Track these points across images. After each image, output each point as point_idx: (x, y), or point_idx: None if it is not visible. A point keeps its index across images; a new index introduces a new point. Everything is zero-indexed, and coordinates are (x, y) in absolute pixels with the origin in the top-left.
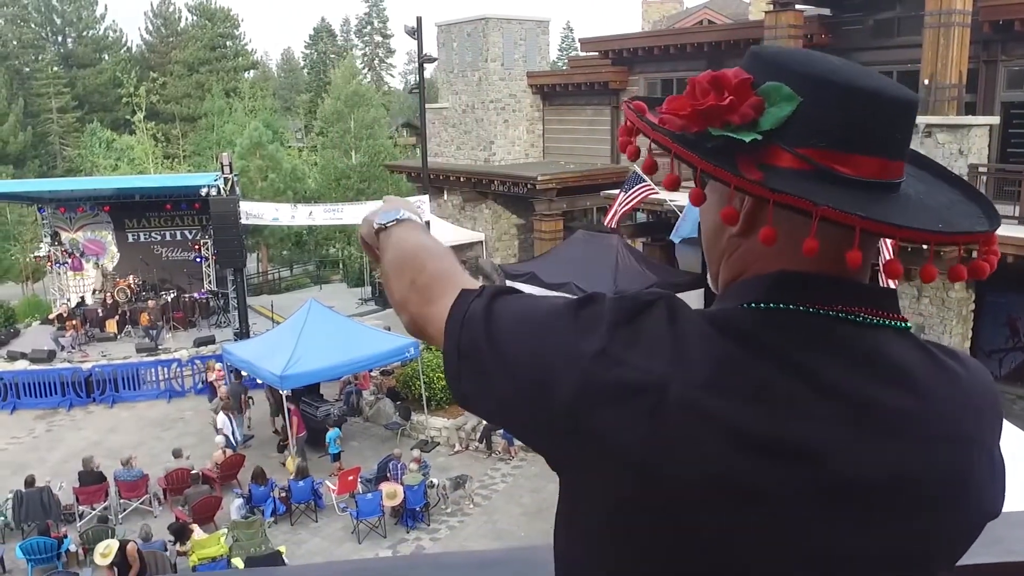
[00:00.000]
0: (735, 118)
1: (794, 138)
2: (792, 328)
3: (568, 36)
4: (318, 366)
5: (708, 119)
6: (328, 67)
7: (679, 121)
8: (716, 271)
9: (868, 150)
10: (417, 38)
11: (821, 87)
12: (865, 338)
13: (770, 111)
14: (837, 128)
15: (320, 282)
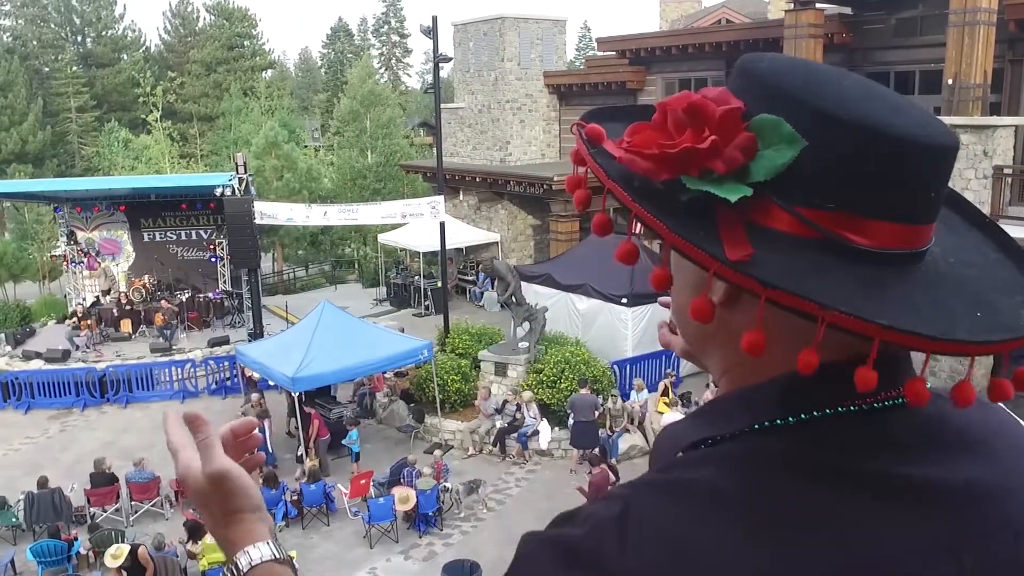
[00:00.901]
0: (718, 165)
1: (795, 193)
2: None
3: (585, 35)
4: (331, 368)
5: (682, 165)
6: (345, 67)
7: (643, 163)
8: (698, 350)
9: (892, 214)
10: (433, 38)
11: (834, 127)
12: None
13: (765, 155)
14: (854, 183)
15: (335, 282)
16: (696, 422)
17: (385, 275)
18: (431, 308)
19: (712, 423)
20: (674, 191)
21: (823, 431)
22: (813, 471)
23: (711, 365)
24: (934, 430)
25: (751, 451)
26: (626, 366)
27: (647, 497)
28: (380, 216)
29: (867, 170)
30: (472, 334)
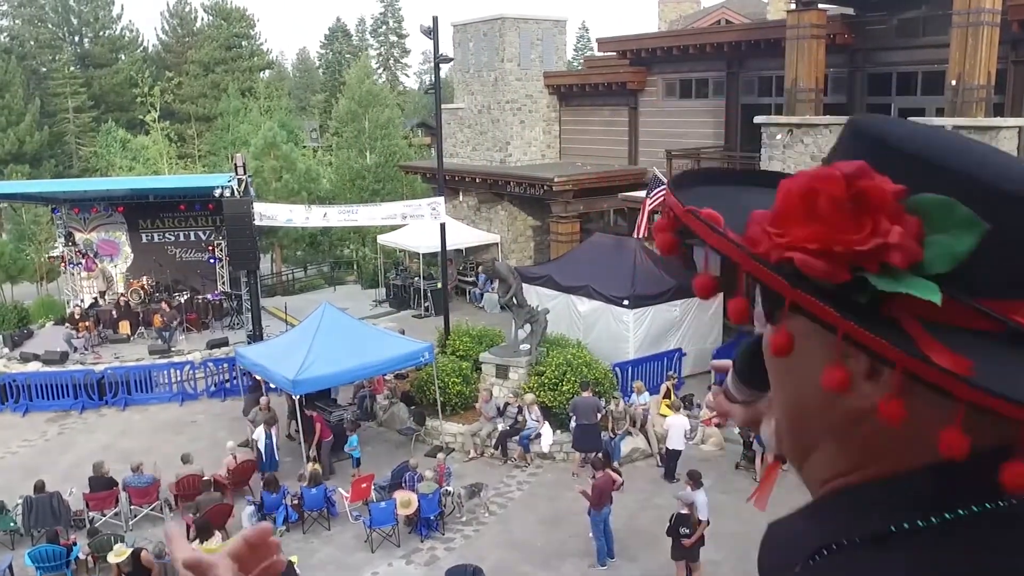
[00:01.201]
0: (897, 259)
1: (967, 283)
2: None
3: (584, 36)
4: (331, 370)
5: (864, 261)
6: (343, 67)
7: (820, 265)
8: (807, 449)
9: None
10: (433, 38)
11: (1007, 204)
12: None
13: (939, 243)
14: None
15: (334, 283)
16: (817, 521)
17: (384, 276)
18: (431, 309)
19: (840, 524)
20: (851, 291)
21: (979, 533)
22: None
23: (817, 465)
24: None
25: (904, 564)
26: (628, 368)
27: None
28: (380, 217)
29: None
30: (473, 336)
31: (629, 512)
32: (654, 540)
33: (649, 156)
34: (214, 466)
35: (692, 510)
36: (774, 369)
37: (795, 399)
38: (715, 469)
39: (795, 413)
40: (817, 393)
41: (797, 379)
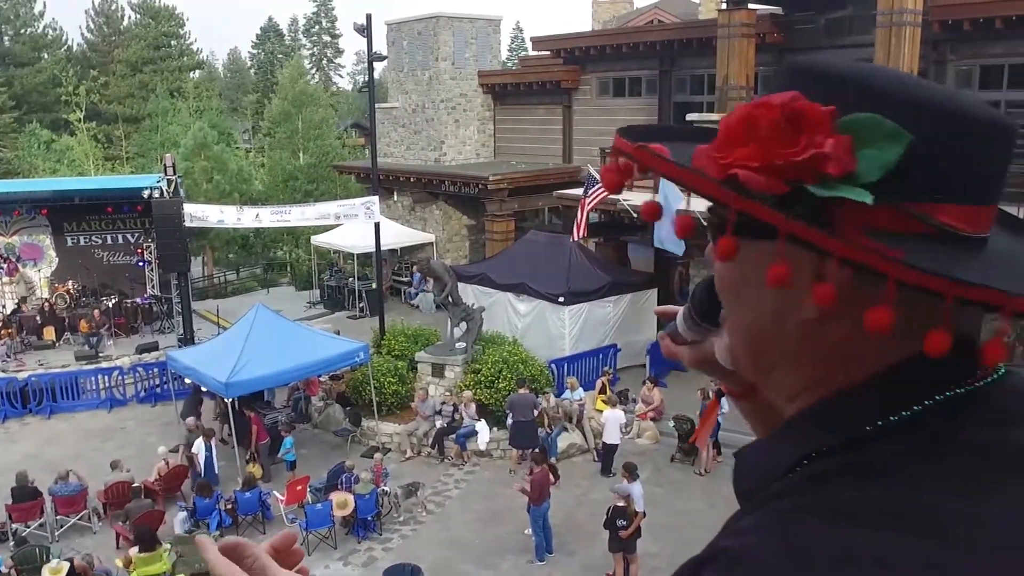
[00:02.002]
0: (832, 168)
1: (898, 189)
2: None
3: (518, 36)
4: (265, 372)
5: (801, 173)
6: (275, 67)
7: (760, 179)
8: (766, 367)
9: (975, 197)
10: (366, 36)
11: (927, 117)
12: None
13: (868, 155)
14: (944, 171)
15: (268, 285)
16: (791, 437)
17: (319, 277)
18: (366, 310)
19: (812, 436)
20: (795, 202)
21: (948, 417)
22: (959, 460)
23: (781, 383)
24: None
25: (884, 455)
26: (563, 364)
27: (797, 525)
28: (313, 217)
29: (956, 155)
30: (408, 335)
31: (566, 507)
32: (592, 534)
33: (583, 154)
34: (145, 472)
35: (628, 502)
36: (727, 293)
37: (748, 320)
38: (651, 462)
39: (750, 334)
40: (768, 312)
41: (749, 300)
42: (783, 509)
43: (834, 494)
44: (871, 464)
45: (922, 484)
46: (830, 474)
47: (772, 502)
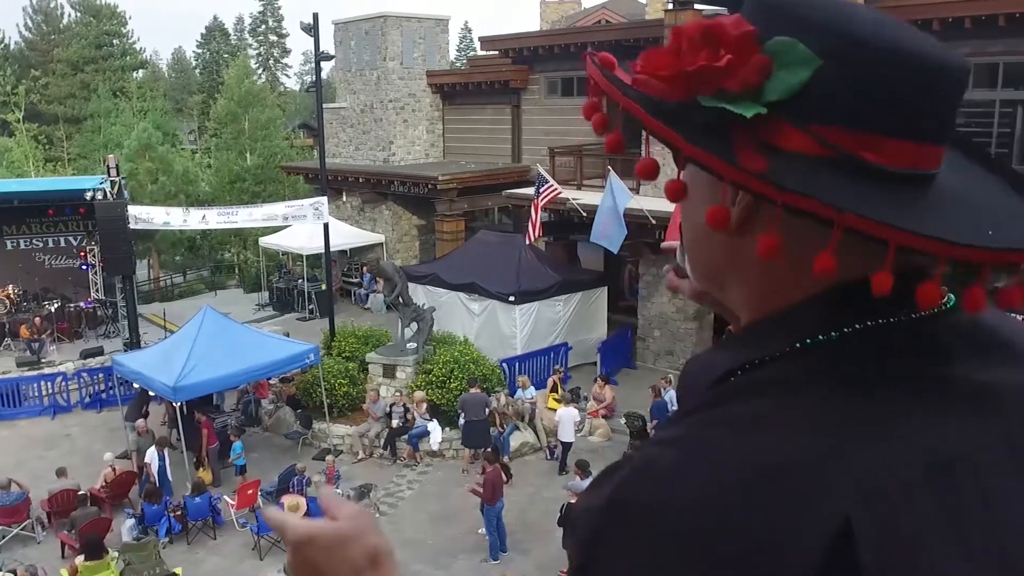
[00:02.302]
0: (733, 84)
1: (809, 113)
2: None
3: (466, 36)
4: (214, 375)
5: (697, 84)
6: (221, 67)
7: (658, 84)
8: (716, 291)
9: (905, 132)
10: (314, 35)
11: (848, 47)
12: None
13: (779, 76)
14: (868, 102)
15: (215, 288)
16: (728, 350)
17: (267, 279)
18: (316, 311)
19: (747, 348)
20: (689, 111)
21: (873, 341)
22: (874, 379)
23: (729, 300)
24: (976, 336)
25: (804, 370)
26: (515, 363)
27: (706, 434)
28: (261, 218)
29: (884, 88)
30: (359, 336)
31: (520, 506)
32: (546, 532)
33: (532, 154)
34: (91, 480)
35: None
36: (680, 209)
37: (691, 240)
38: (603, 459)
39: (694, 253)
40: (699, 228)
41: (691, 221)
42: (696, 422)
43: (737, 405)
44: (787, 379)
45: (833, 400)
46: (748, 386)
47: (691, 414)
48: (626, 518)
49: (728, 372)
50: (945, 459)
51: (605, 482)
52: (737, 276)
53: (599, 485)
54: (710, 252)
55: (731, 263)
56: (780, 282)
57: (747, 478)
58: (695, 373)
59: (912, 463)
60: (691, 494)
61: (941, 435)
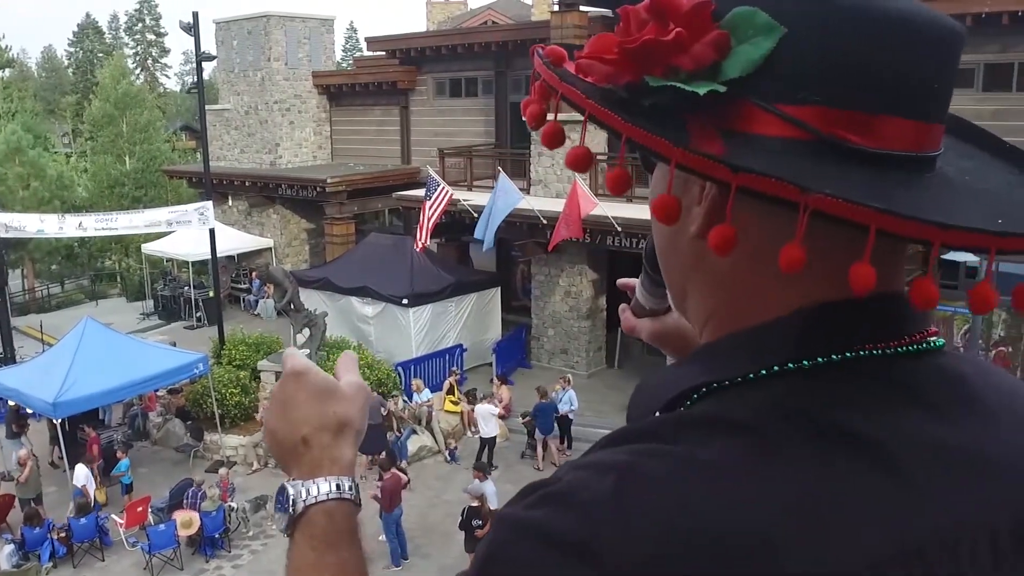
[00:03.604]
0: (685, 61)
1: (778, 91)
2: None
3: (352, 36)
4: (97, 389)
5: (644, 63)
6: (95, 67)
7: (603, 68)
8: (680, 295)
9: (895, 108)
10: (194, 35)
11: (821, 10)
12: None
13: (739, 51)
14: (846, 74)
15: (96, 297)
16: (687, 367)
17: (152, 287)
18: (204, 319)
19: (708, 368)
20: (638, 94)
21: (845, 379)
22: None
23: (693, 313)
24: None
25: (769, 409)
26: (411, 367)
27: (645, 467)
28: (143, 224)
29: (863, 55)
30: (249, 344)
31: (419, 510)
32: (447, 535)
33: (422, 155)
34: None
35: (483, 502)
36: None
37: (660, 241)
38: (502, 459)
39: (662, 258)
40: (664, 232)
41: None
42: (645, 451)
43: (684, 437)
44: (751, 424)
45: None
46: (701, 417)
47: (638, 438)
48: (528, 542)
49: (682, 394)
50: (917, 544)
51: (527, 496)
52: (697, 290)
53: (522, 497)
54: (676, 255)
55: (694, 274)
56: (741, 293)
57: (702, 541)
58: (648, 391)
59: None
60: (616, 537)
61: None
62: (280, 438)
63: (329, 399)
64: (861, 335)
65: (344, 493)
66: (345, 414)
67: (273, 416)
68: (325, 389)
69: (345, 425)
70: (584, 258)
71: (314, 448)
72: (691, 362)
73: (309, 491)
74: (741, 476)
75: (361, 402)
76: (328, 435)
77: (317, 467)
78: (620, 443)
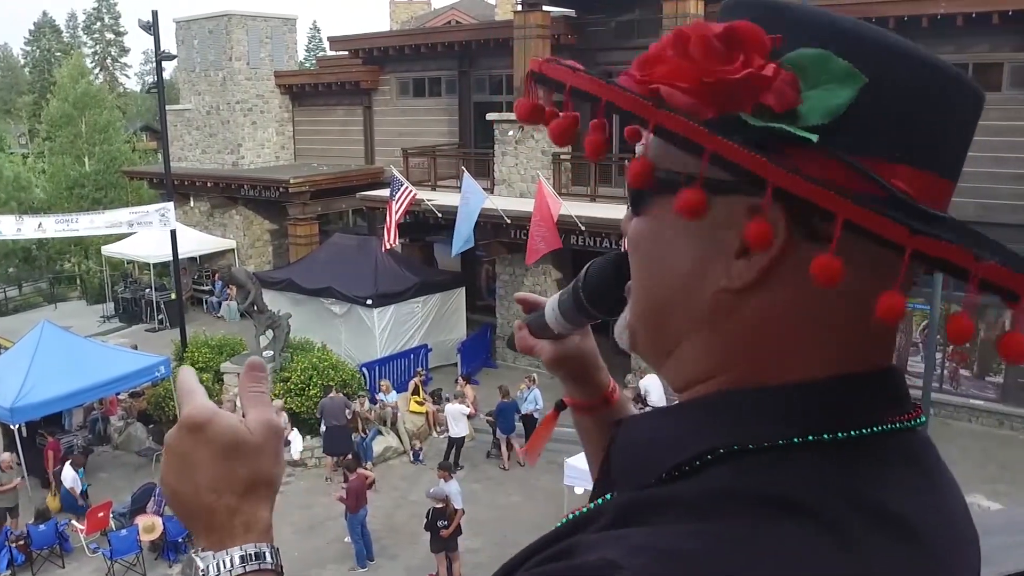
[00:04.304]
0: (772, 101)
1: (846, 141)
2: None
3: (315, 36)
4: (56, 394)
5: (733, 99)
6: (53, 66)
7: (684, 98)
8: (669, 344)
9: (943, 168)
10: (153, 34)
11: (888, 62)
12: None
13: (814, 96)
14: (915, 129)
15: (55, 300)
16: (693, 421)
17: (112, 290)
18: (165, 322)
19: (727, 428)
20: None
21: (877, 454)
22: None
23: (683, 365)
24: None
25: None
26: (375, 367)
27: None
28: (104, 226)
29: (930, 114)
30: (212, 346)
31: (385, 510)
32: (413, 535)
33: (385, 155)
34: None
35: (447, 502)
36: (640, 254)
37: (659, 284)
38: (467, 459)
39: (657, 302)
40: (684, 274)
41: (663, 260)
42: (695, 532)
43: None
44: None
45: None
46: (723, 494)
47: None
48: None
49: (698, 455)
50: None
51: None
52: (707, 335)
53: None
54: (690, 304)
55: (711, 323)
56: (763, 349)
57: None
58: (642, 444)
59: None
60: None
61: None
62: (182, 500)
63: (236, 455)
64: (886, 409)
65: (264, 563)
66: (256, 471)
67: (171, 474)
68: (231, 444)
69: (257, 483)
70: (548, 258)
71: (223, 514)
72: (697, 415)
73: (223, 564)
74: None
75: (273, 448)
76: (238, 498)
77: (229, 536)
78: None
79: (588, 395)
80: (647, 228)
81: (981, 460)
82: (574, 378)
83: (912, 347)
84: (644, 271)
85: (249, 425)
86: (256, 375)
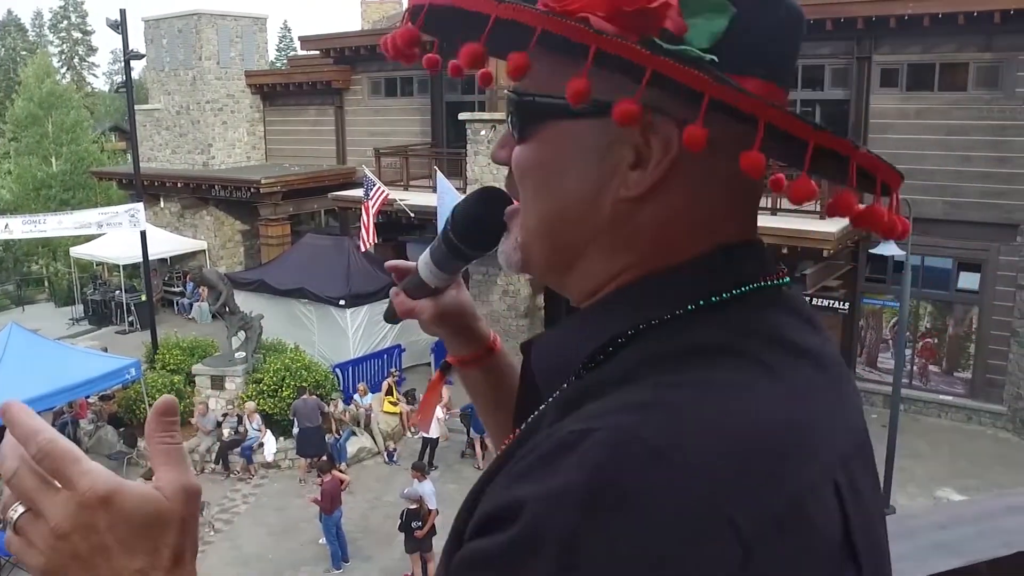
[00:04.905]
0: (672, 26)
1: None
2: (773, 313)
3: (286, 36)
4: (24, 397)
5: (641, 24)
6: (18, 65)
7: (604, 24)
8: (571, 257)
9: (775, 75)
10: (122, 33)
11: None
12: (796, 302)
13: (696, 24)
14: (771, 52)
15: (23, 303)
16: (602, 316)
17: (81, 292)
18: (136, 324)
19: (634, 311)
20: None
21: (766, 306)
22: (798, 347)
23: (589, 273)
24: (812, 316)
25: (735, 332)
26: (348, 368)
27: (675, 398)
28: (72, 227)
29: (783, 36)
30: (183, 348)
31: (360, 511)
32: (388, 536)
33: (357, 155)
34: None
35: (421, 503)
36: (532, 179)
37: (556, 202)
38: (441, 459)
39: (555, 219)
40: (581, 191)
41: (560, 179)
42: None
43: (712, 372)
44: (724, 345)
45: (781, 370)
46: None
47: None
48: (628, 501)
49: (612, 338)
50: (859, 440)
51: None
52: (612, 243)
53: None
54: (590, 218)
55: (611, 230)
56: (657, 246)
57: (767, 440)
58: (554, 349)
59: (846, 435)
60: (710, 458)
61: (855, 415)
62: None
63: (157, 530)
64: (759, 270)
65: None
66: (181, 543)
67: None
68: (150, 517)
69: (183, 554)
70: None
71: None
72: (604, 311)
73: None
74: (764, 389)
75: (191, 510)
76: (166, 573)
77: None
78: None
79: (473, 348)
80: (537, 152)
81: (950, 455)
82: (457, 332)
83: (882, 344)
84: (539, 192)
85: (165, 493)
86: (165, 422)
